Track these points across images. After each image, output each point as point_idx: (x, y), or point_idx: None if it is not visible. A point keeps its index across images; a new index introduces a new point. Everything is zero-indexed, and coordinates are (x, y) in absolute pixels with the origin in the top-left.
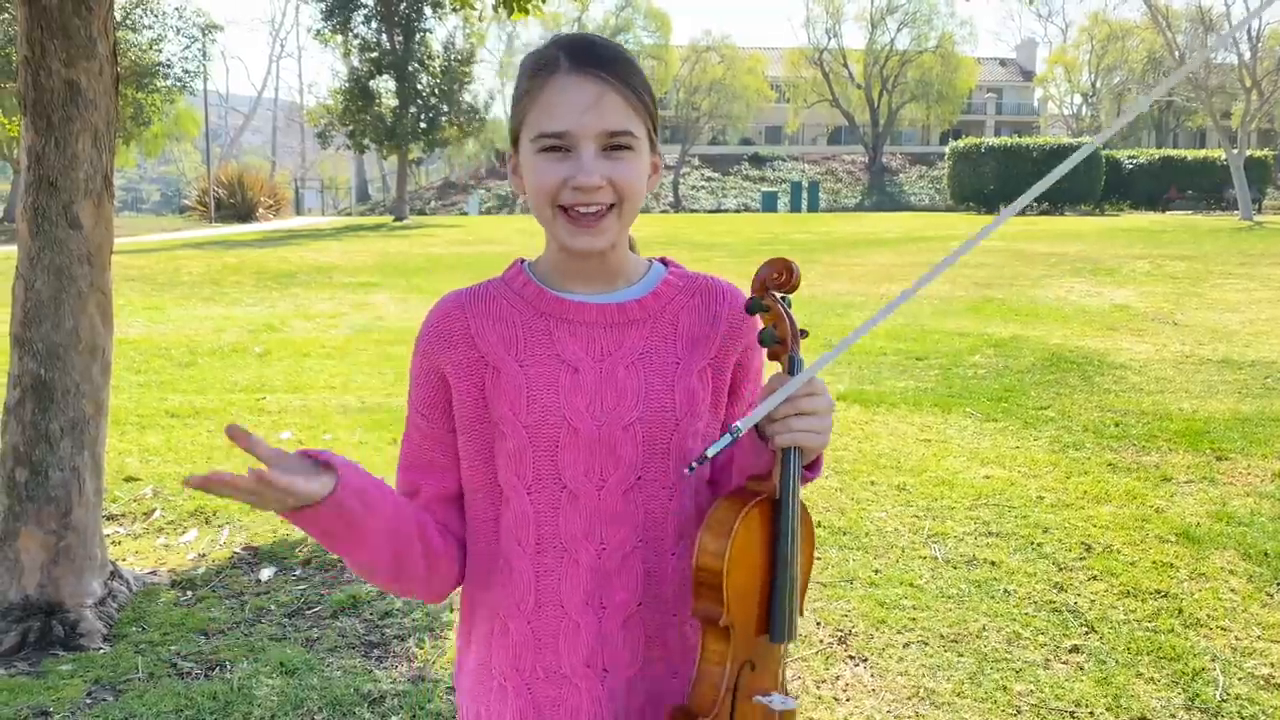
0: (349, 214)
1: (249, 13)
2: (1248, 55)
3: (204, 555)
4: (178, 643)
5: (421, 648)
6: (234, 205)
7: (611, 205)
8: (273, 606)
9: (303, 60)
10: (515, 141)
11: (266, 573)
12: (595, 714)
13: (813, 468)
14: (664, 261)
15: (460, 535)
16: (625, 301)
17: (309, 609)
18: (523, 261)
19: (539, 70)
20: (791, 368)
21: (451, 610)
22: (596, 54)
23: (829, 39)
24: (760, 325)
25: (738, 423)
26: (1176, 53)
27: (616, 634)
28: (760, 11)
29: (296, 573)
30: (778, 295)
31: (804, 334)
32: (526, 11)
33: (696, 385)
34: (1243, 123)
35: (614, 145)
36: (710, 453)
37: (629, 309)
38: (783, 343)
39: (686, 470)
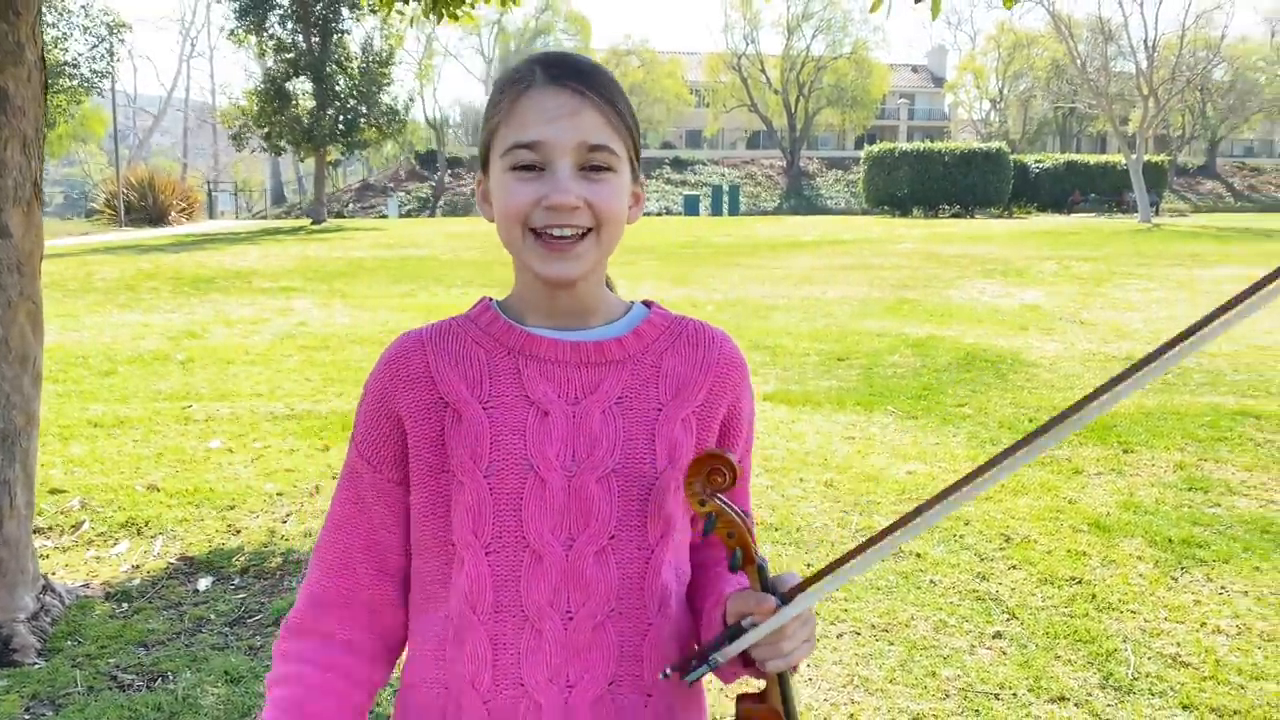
0: (265, 217)
1: (157, 11)
2: (1145, 65)
3: (138, 566)
4: (116, 655)
5: None
6: (145, 209)
7: (589, 230)
8: (212, 616)
9: (214, 60)
10: (485, 165)
11: (204, 582)
12: None
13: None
14: (646, 303)
15: (398, 631)
16: (604, 340)
17: (250, 617)
18: (490, 299)
19: (512, 85)
20: (762, 580)
21: None
22: (575, 67)
23: (747, 44)
24: (721, 541)
25: (717, 654)
26: (1078, 61)
27: (586, 714)
28: (679, 16)
29: (235, 582)
30: (720, 498)
31: (746, 515)
32: (456, 18)
33: (680, 435)
34: (1140, 129)
35: (592, 164)
36: (691, 678)
37: (608, 348)
38: (748, 552)
39: (661, 675)
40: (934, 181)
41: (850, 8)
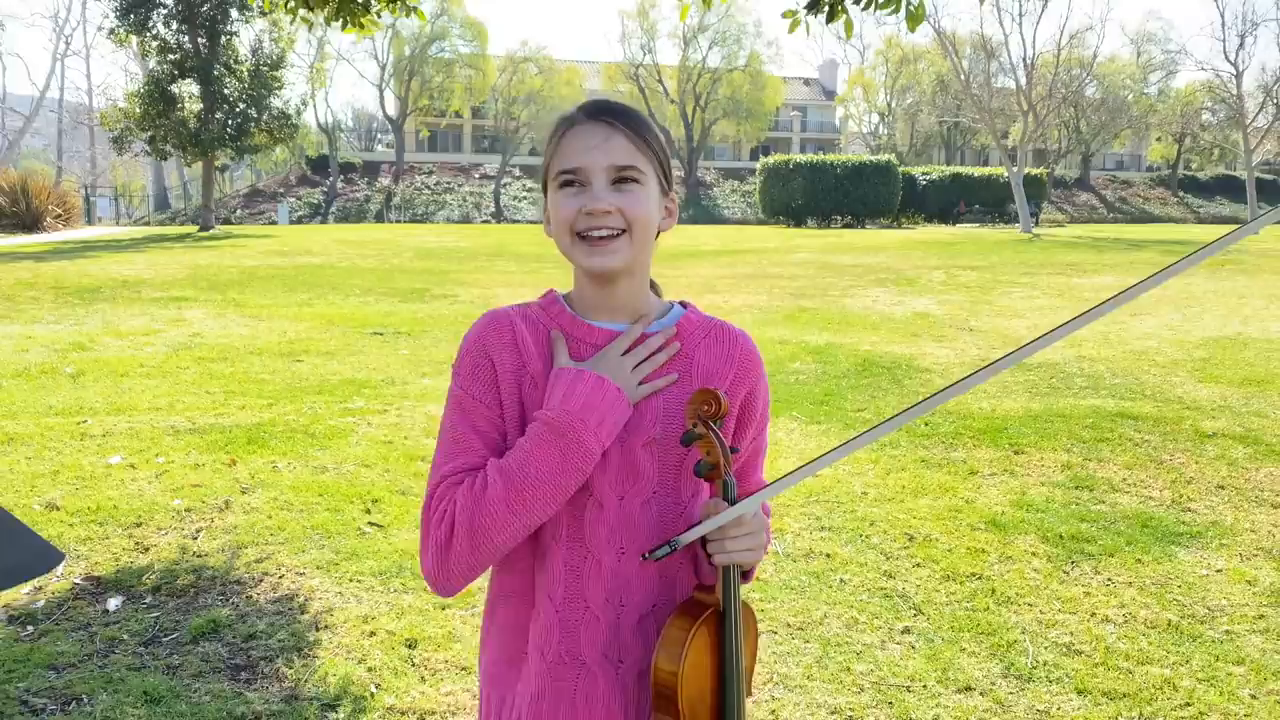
0: (148, 224)
1: (28, 7)
2: (1024, 81)
3: (40, 588)
4: (25, 679)
5: (290, 667)
6: (17, 214)
7: (623, 230)
8: (125, 636)
9: (91, 60)
10: (545, 190)
11: (114, 602)
12: (608, 700)
13: (748, 574)
14: (683, 304)
15: None
16: (650, 333)
17: (166, 636)
18: (556, 293)
19: (561, 126)
20: (725, 492)
21: (318, 629)
22: (608, 107)
23: (644, 55)
24: (697, 457)
25: (678, 537)
26: (962, 77)
27: (632, 630)
28: (577, 25)
29: (146, 600)
30: (710, 424)
31: (734, 450)
32: (362, 27)
33: None
34: (1020, 143)
35: (622, 179)
36: (657, 555)
37: (653, 342)
38: (716, 468)
39: (641, 558)
40: (827, 192)
41: (745, 21)
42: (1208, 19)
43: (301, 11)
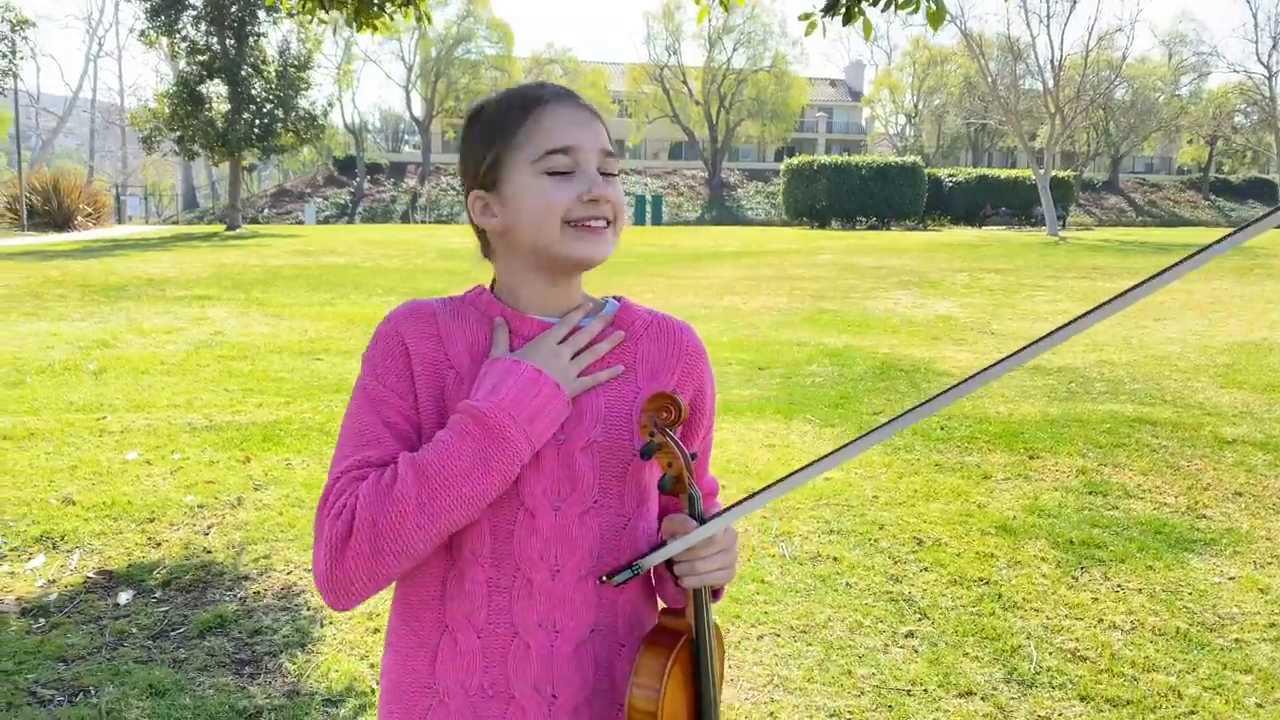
0: (176, 222)
1: (63, 8)
2: (1051, 83)
3: (54, 581)
4: (35, 671)
5: (294, 663)
6: (49, 213)
7: (610, 221)
8: (134, 630)
9: (123, 60)
10: (490, 182)
11: (124, 596)
12: None
13: (717, 592)
14: (617, 298)
15: None
16: (588, 325)
17: (173, 630)
18: (484, 287)
19: (526, 103)
20: (691, 507)
21: (322, 625)
22: (576, 93)
23: (669, 56)
24: (659, 471)
25: (641, 560)
26: (989, 78)
27: (568, 659)
28: (602, 26)
29: (156, 595)
30: (669, 432)
31: (694, 457)
32: (376, 28)
33: None
34: (1048, 145)
35: (606, 170)
36: (617, 580)
37: (592, 328)
38: (680, 481)
39: (598, 581)
40: (851, 194)
41: (770, 21)
42: (1240, 20)
43: (319, 13)
